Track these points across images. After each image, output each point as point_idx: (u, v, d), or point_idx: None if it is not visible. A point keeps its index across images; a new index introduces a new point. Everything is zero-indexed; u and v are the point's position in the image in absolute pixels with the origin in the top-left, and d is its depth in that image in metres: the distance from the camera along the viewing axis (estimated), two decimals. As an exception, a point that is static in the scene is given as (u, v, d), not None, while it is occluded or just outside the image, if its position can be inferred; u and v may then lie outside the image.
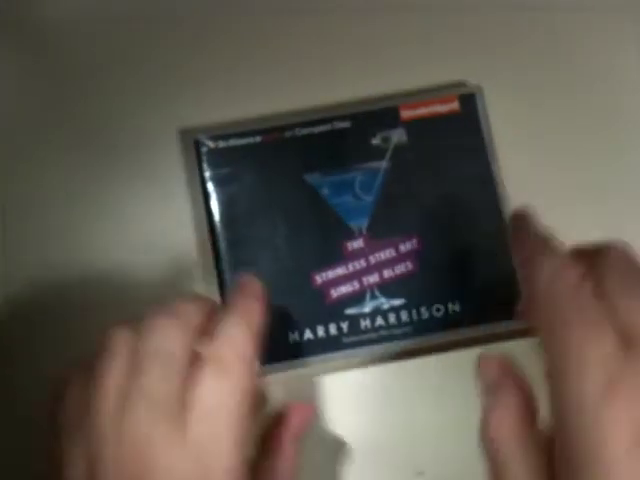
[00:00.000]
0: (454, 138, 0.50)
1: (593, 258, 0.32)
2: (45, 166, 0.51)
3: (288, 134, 0.50)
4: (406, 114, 0.50)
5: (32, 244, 0.51)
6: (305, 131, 0.50)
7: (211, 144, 0.49)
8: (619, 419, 0.27)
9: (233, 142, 0.49)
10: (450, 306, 0.48)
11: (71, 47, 0.53)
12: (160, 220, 0.51)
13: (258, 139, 0.49)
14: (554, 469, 0.30)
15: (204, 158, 0.49)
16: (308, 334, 0.47)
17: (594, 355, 0.28)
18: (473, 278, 0.48)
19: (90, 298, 0.50)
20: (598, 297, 0.30)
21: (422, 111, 0.50)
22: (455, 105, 0.50)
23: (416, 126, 0.50)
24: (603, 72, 0.54)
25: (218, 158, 0.49)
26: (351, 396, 0.48)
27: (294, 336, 0.47)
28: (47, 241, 0.51)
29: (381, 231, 0.48)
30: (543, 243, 0.35)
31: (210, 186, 0.49)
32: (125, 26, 0.53)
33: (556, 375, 0.29)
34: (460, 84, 0.53)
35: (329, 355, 0.47)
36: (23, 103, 0.53)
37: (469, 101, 0.50)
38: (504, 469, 0.32)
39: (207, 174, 0.49)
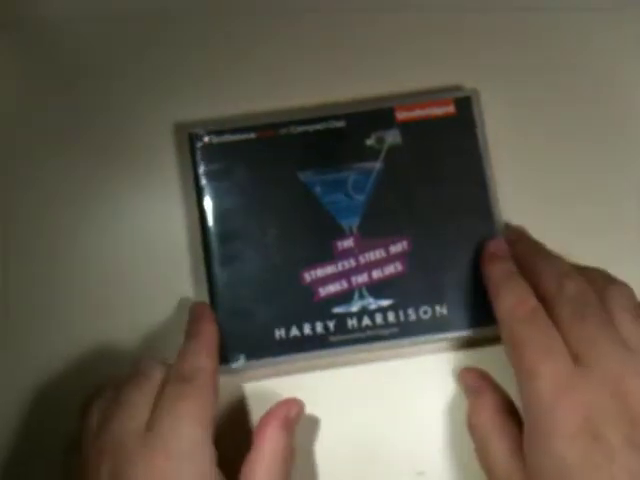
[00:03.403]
0: (449, 141, 0.50)
1: (551, 291, 0.41)
2: (44, 165, 0.52)
3: (283, 131, 0.49)
4: (401, 115, 0.50)
5: (31, 243, 0.51)
6: (300, 129, 0.49)
7: (206, 139, 0.49)
8: (567, 413, 0.36)
9: (228, 137, 0.49)
10: (437, 309, 0.48)
11: (70, 47, 0.54)
12: (153, 215, 0.52)
13: (253, 135, 0.49)
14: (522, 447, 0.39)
15: (198, 153, 0.49)
16: (294, 331, 0.47)
17: (545, 368, 0.38)
18: (461, 282, 0.48)
19: (90, 296, 0.50)
20: (554, 323, 0.40)
21: (417, 113, 0.50)
22: (451, 108, 0.50)
23: (411, 128, 0.50)
24: (602, 73, 0.54)
25: (212, 153, 0.49)
26: (351, 395, 0.48)
27: (280, 332, 0.47)
28: (47, 239, 0.51)
29: (372, 231, 0.48)
30: (507, 275, 0.44)
31: (203, 181, 0.49)
32: (124, 25, 0.54)
33: (520, 382, 0.39)
34: (456, 88, 0.53)
35: (315, 353, 0.47)
36: (23, 103, 0.53)
37: (465, 104, 0.50)
38: (485, 447, 0.42)
39: (201, 169, 0.49)
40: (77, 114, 0.53)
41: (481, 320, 0.48)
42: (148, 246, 0.51)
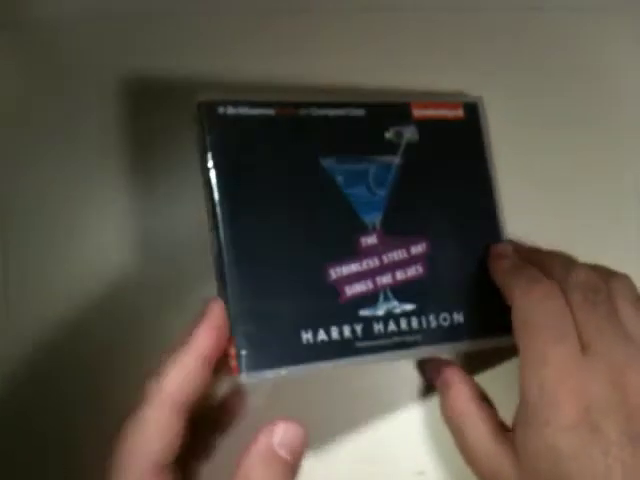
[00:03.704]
0: (459, 144, 0.49)
1: (560, 279, 0.41)
2: (44, 165, 0.51)
3: (303, 112, 0.45)
4: (418, 113, 0.48)
5: (31, 243, 0.50)
6: (321, 112, 0.45)
7: (220, 110, 0.43)
8: (568, 400, 0.37)
9: (244, 111, 0.44)
10: (455, 316, 0.46)
11: (71, 47, 0.52)
12: (153, 215, 0.51)
13: (271, 112, 0.44)
14: (503, 431, 0.41)
15: (208, 124, 0.43)
16: (322, 335, 0.42)
17: (553, 353, 0.38)
18: (477, 290, 0.47)
19: (89, 297, 0.49)
20: (567, 308, 0.39)
21: (431, 112, 0.49)
22: (460, 112, 0.50)
23: (427, 126, 0.48)
24: (603, 73, 0.55)
25: (226, 127, 0.43)
26: (351, 395, 0.48)
27: (307, 336, 0.42)
28: (46, 239, 0.50)
29: (394, 229, 0.45)
30: (516, 265, 0.45)
31: (213, 160, 0.42)
32: (124, 25, 0.53)
33: (525, 365, 0.39)
34: (460, 92, 0.52)
35: (342, 361, 0.42)
36: (23, 103, 0.52)
37: (473, 110, 0.50)
38: (464, 434, 0.42)
39: (211, 143, 0.43)
40: (77, 114, 0.52)
41: (498, 329, 0.45)
42: (148, 246, 0.50)
